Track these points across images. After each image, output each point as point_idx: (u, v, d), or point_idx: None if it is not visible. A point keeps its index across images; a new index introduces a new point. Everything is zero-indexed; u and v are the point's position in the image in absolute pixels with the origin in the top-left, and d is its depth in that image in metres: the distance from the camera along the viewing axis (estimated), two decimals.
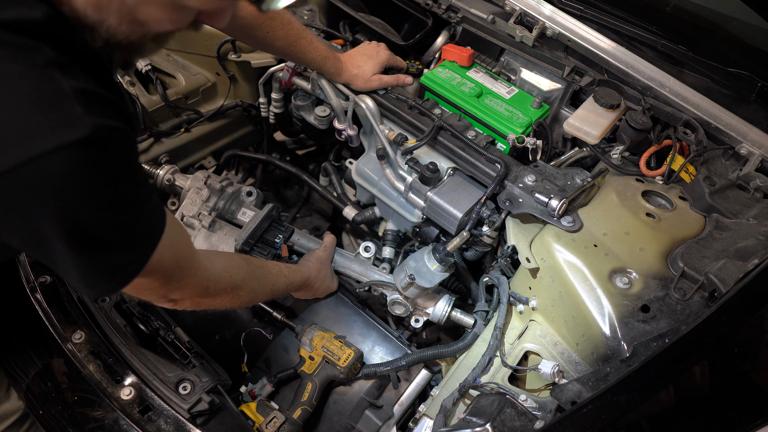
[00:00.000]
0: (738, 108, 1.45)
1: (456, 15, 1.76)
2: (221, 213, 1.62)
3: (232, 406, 1.28)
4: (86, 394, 1.23)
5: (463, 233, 1.41)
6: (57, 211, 0.72)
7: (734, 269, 1.10)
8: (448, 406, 1.19)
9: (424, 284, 1.39)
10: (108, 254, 0.80)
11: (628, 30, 1.67)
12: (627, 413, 0.92)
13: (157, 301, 1.02)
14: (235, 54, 1.79)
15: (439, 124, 1.48)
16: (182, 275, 0.98)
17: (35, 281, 1.36)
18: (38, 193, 0.70)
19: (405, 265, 1.43)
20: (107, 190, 0.75)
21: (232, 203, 1.64)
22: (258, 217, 1.49)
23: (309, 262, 1.48)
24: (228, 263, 1.15)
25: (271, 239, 1.48)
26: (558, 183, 1.37)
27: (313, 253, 1.53)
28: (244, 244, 1.43)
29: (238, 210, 1.65)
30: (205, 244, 1.52)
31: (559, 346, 1.24)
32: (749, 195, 1.34)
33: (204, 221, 1.54)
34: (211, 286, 1.07)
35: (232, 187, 1.65)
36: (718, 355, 0.98)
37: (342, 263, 1.61)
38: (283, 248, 1.50)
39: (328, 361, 1.39)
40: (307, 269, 1.45)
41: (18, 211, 0.71)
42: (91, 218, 0.75)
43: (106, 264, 0.81)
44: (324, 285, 1.51)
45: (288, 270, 1.38)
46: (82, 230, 0.75)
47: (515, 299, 1.34)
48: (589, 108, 1.48)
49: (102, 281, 0.82)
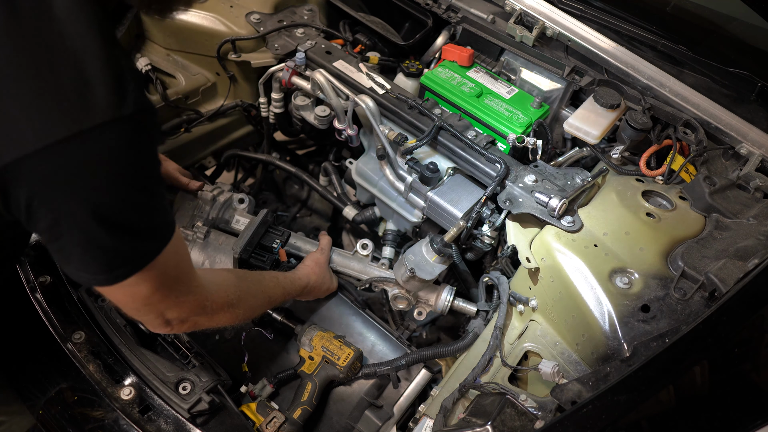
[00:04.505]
0: (738, 108, 1.45)
1: (456, 15, 1.76)
2: (215, 222, 1.60)
3: (232, 406, 1.28)
4: (86, 394, 1.23)
5: (459, 223, 1.41)
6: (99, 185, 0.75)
7: (734, 269, 1.10)
8: (448, 406, 1.19)
9: (425, 276, 1.39)
10: (132, 240, 0.82)
11: (628, 30, 1.67)
12: (627, 413, 0.92)
13: (154, 321, 0.98)
14: (235, 54, 1.79)
15: (439, 124, 1.48)
16: (181, 290, 0.96)
17: (35, 281, 1.36)
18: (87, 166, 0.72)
19: (404, 259, 1.43)
20: (141, 172, 0.79)
21: (224, 212, 1.61)
22: (253, 224, 1.47)
23: (307, 267, 1.47)
24: (223, 280, 1.12)
25: (268, 245, 1.47)
26: (558, 183, 1.37)
27: (310, 257, 1.52)
28: (242, 252, 1.42)
29: (232, 218, 1.61)
30: (202, 255, 1.50)
31: (559, 345, 1.24)
32: (749, 195, 1.34)
33: (199, 232, 1.51)
34: (209, 305, 1.04)
35: (223, 195, 1.62)
36: (718, 355, 0.98)
37: (341, 262, 1.61)
38: (282, 253, 1.50)
39: (328, 360, 1.39)
40: (305, 275, 1.44)
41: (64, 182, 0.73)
42: (124, 197, 0.78)
43: (128, 249, 0.82)
44: (324, 287, 1.50)
45: (285, 279, 1.37)
46: (118, 212, 0.77)
47: (515, 299, 1.34)
48: (589, 108, 1.48)
49: (120, 265, 0.83)
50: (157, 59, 1.86)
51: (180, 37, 1.83)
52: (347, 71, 1.64)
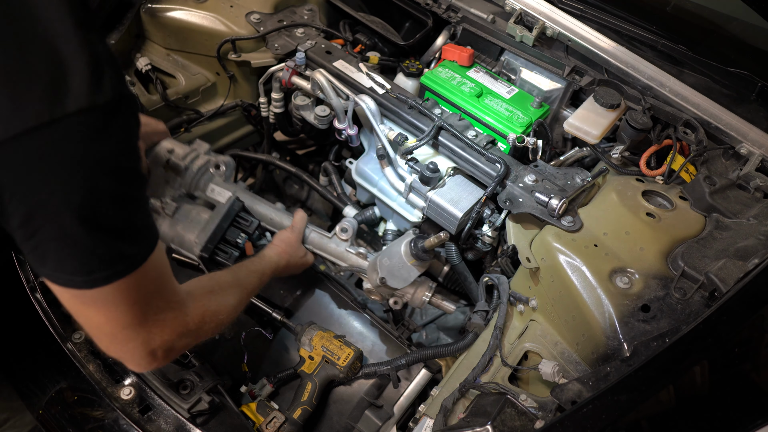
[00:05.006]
0: (738, 108, 1.45)
1: (456, 15, 1.76)
2: (189, 188, 1.46)
3: (232, 406, 1.28)
4: (86, 394, 1.23)
5: (441, 235, 1.36)
6: (74, 176, 0.70)
7: (734, 269, 1.10)
8: (449, 406, 1.19)
9: (396, 285, 1.37)
10: (113, 240, 0.76)
11: (628, 30, 1.67)
12: (627, 413, 0.92)
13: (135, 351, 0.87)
14: (235, 54, 1.79)
15: (440, 124, 1.48)
16: (160, 307, 0.88)
17: (35, 281, 1.36)
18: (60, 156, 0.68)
19: (378, 264, 1.40)
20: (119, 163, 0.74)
21: (201, 177, 1.46)
22: (218, 215, 1.34)
23: (277, 248, 1.39)
24: (195, 289, 1.03)
25: (233, 239, 1.36)
26: (558, 183, 1.37)
27: (280, 236, 1.43)
28: (203, 249, 1.31)
29: (207, 186, 1.46)
30: (170, 232, 1.40)
31: (560, 345, 1.24)
32: (749, 195, 1.34)
33: (167, 209, 1.39)
34: (189, 320, 0.95)
35: (199, 159, 1.46)
36: (718, 355, 0.98)
37: (317, 243, 1.52)
38: (248, 246, 1.39)
39: (328, 360, 1.39)
40: (276, 255, 1.36)
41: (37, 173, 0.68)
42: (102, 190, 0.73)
43: (109, 250, 0.77)
44: (297, 265, 1.43)
45: (257, 266, 1.29)
46: (95, 204, 0.72)
47: (515, 299, 1.34)
48: (589, 108, 1.48)
49: (100, 268, 0.76)
50: (157, 59, 1.86)
51: (180, 37, 1.83)
52: (347, 71, 1.64)
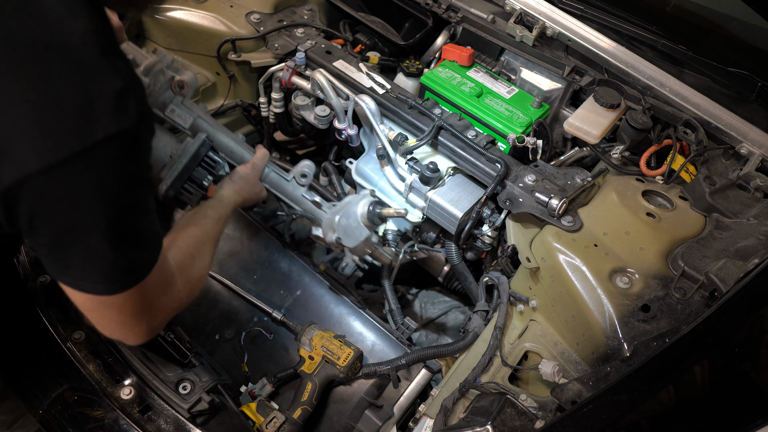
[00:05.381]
0: (738, 108, 1.45)
1: (456, 15, 1.76)
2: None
3: (232, 406, 1.28)
4: (86, 394, 1.23)
5: (401, 210, 1.45)
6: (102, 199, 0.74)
7: (734, 269, 1.10)
8: (449, 406, 1.19)
9: (349, 243, 1.45)
10: (132, 249, 0.82)
11: (628, 30, 1.67)
12: (627, 413, 0.92)
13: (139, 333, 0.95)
14: (235, 54, 1.79)
15: (440, 124, 1.48)
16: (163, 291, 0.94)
17: (35, 281, 1.36)
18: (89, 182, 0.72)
19: (336, 222, 1.46)
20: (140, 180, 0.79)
21: (162, 95, 1.25)
22: (186, 155, 1.24)
23: (236, 185, 1.34)
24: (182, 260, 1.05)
25: (199, 180, 1.28)
26: (558, 183, 1.37)
27: (239, 172, 1.38)
28: (170, 188, 1.22)
29: (168, 105, 1.27)
30: None
31: (560, 345, 1.24)
32: (749, 195, 1.34)
33: None
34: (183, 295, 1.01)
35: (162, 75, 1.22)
36: (718, 355, 0.98)
37: (275, 184, 1.50)
38: (211, 189, 1.34)
39: (328, 360, 1.39)
40: (234, 195, 1.32)
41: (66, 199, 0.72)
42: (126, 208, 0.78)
43: (129, 261, 0.82)
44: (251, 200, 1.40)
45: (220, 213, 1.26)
46: (120, 221, 0.77)
47: (515, 299, 1.34)
48: (590, 108, 1.48)
49: (121, 277, 0.82)
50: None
51: (180, 37, 1.83)
52: (347, 71, 1.64)
